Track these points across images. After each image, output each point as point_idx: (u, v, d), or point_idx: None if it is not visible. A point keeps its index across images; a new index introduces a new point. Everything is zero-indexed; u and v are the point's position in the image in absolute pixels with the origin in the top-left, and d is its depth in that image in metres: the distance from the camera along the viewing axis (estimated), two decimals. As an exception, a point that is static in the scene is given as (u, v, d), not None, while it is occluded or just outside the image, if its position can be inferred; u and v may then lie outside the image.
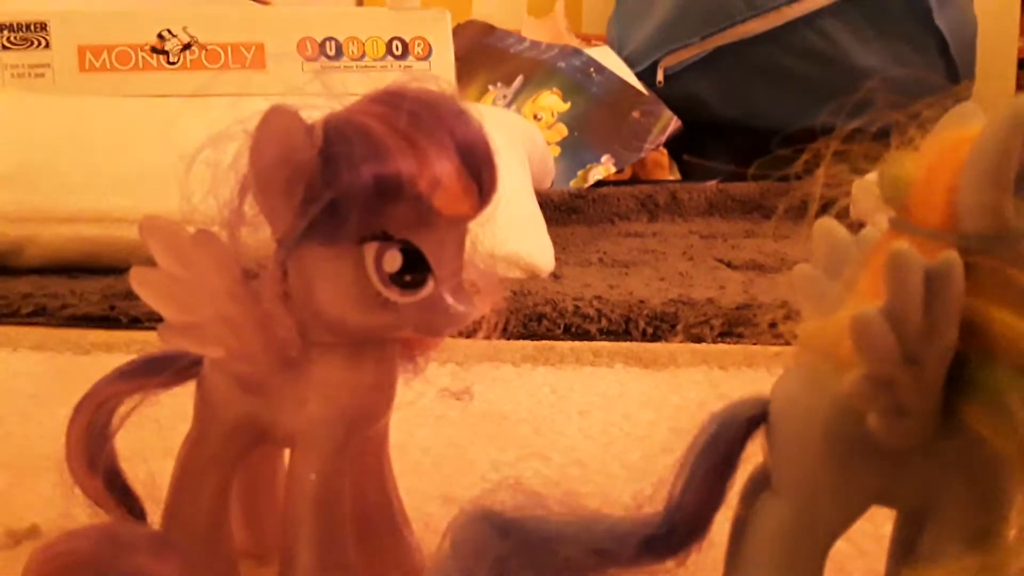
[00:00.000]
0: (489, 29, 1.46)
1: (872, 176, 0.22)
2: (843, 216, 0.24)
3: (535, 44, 1.42)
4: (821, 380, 0.21)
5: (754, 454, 0.23)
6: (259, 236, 0.24)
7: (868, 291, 0.20)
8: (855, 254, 0.22)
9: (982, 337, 0.19)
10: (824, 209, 0.24)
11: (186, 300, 0.24)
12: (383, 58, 0.93)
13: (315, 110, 0.23)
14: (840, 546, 0.22)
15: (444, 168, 0.22)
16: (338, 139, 0.22)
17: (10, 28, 0.91)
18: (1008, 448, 0.18)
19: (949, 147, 0.20)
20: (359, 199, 0.22)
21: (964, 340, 0.19)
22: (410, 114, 0.23)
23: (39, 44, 0.91)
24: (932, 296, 0.18)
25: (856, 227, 0.23)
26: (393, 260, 0.23)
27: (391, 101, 0.23)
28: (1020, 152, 0.18)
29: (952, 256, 0.18)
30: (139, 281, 0.24)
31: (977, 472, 0.20)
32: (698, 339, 0.58)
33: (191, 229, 0.23)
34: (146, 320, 0.59)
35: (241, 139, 0.23)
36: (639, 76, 1.38)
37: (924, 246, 0.19)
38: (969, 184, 0.19)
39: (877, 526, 0.24)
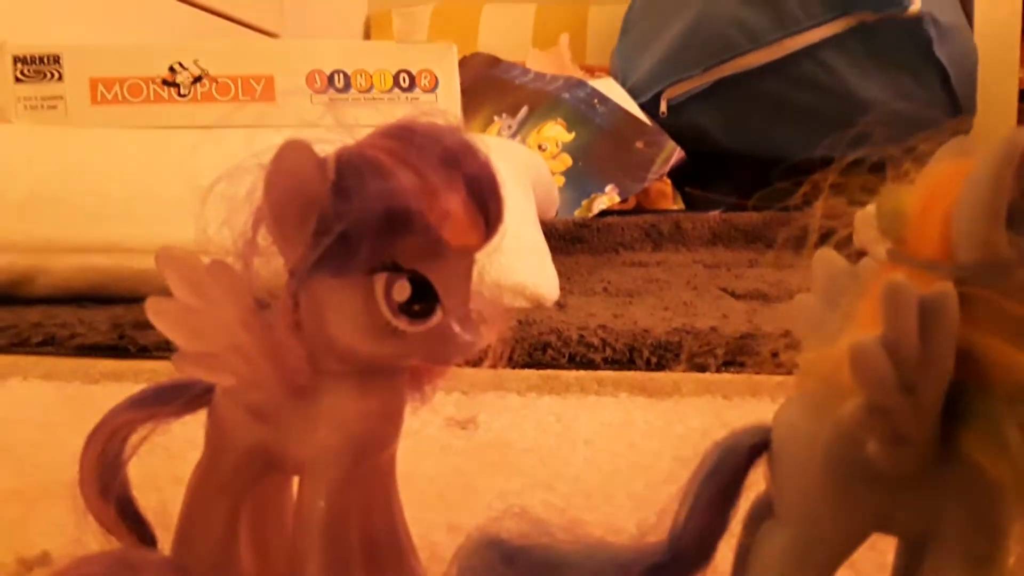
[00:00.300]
0: (494, 61, 1.48)
1: (873, 207, 0.22)
2: (844, 246, 0.24)
3: (540, 75, 1.44)
4: (821, 408, 0.21)
5: (757, 482, 0.23)
6: (272, 267, 0.25)
7: (867, 321, 0.21)
8: (854, 284, 0.23)
9: (978, 366, 0.19)
10: (823, 239, 0.24)
11: (200, 329, 0.24)
12: (390, 90, 0.95)
13: (327, 143, 0.24)
14: (842, 573, 0.23)
15: (452, 200, 0.23)
16: (350, 172, 0.23)
17: (24, 61, 0.92)
18: (1004, 476, 0.19)
19: (944, 180, 0.20)
20: (370, 231, 0.22)
21: (960, 369, 0.19)
22: (419, 148, 0.23)
23: (52, 76, 0.93)
24: (927, 326, 0.19)
25: (858, 257, 0.24)
26: (402, 290, 0.23)
27: (401, 135, 0.24)
28: (1012, 185, 0.19)
29: (946, 287, 0.19)
30: (154, 311, 0.24)
31: (976, 499, 0.21)
32: (702, 368, 0.58)
33: (206, 259, 0.24)
34: (154, 349, 0.59)
35: (255, 172, 0.24)
36: (643, 107, 1.40)
37: (920, 277, 0.19)
38: (962, 216, 0.19)
39: (879, 553, 0.24)
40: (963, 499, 0.21)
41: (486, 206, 0.24)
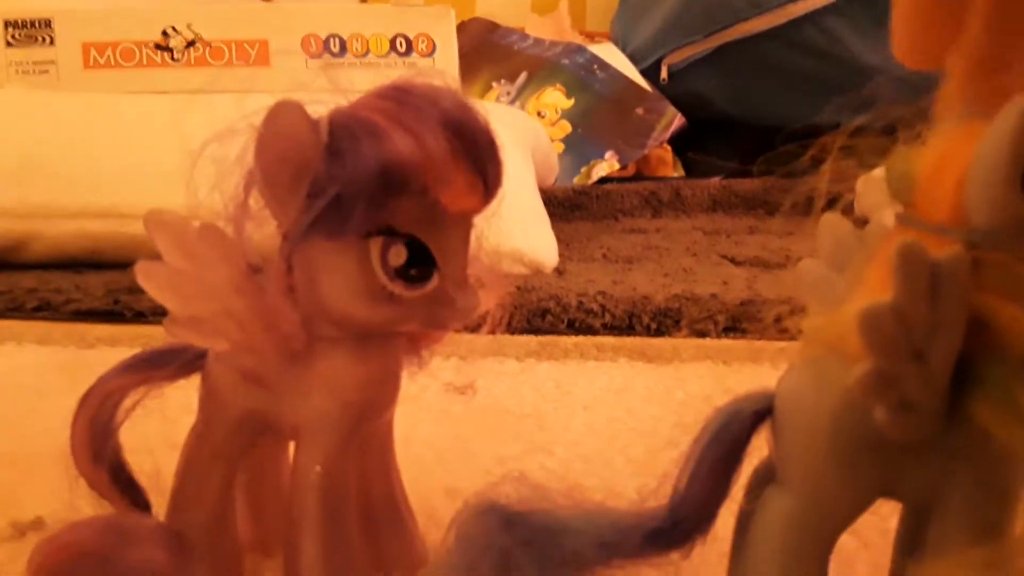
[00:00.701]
0: (493, 26, 1.46)
1: (878, 171, 0.22)
2: (848, 212, 0.24)
3: (539, 41, 1.42)
4: (827, 374, 0.21)
5: (759, 447, 0.23)
6: (264, 231, 0.24)
7: (874, 286, 0.20)
8: (860, 249, 0.22)
9: (989, 332, 0.19)
10: (830, 205, 0.24)
11: (191, 294, 0.24)
12: (387, 55, 0.93)
13: (321, 106, 0.23)
14: (845, 539, 0.22)
15: (450, 163, 0.22)
16: (344, 134, 0.22)
17: (15, 25, 0.91)
18: (1014, 442, 0.18)
19: (956, 142, 0.20)
20: (364, 193, 0.22)
21: (971, 335, 0.19)
22: (416, 109, 0.23)
23: (44, 41, 0.92)
24: (939, 291, 0.18)
25: (861, 223, 0.23)
26: (398, 254, 0.23)
27: (397, 96, 0.23)
28: None
29: (959, 251, 0.18)
30: (145, 275, 0.24)
31: (984, 466, 0.20)
32: (702, 334, 0.58)
33: (197, 223, 0.23)
34: (150, 314, 0.59)
35: (247, 134, 0.23)
36: (643, 73, 1.38)
37: (931, 241, 0.19)
38: (977, 179, 0.19)
39: (882, 519, 0.24)
40: (971, 466, 0.20)
41: (485, 169, 0.23)
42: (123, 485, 0.27)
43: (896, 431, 0.20)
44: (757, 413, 0.23)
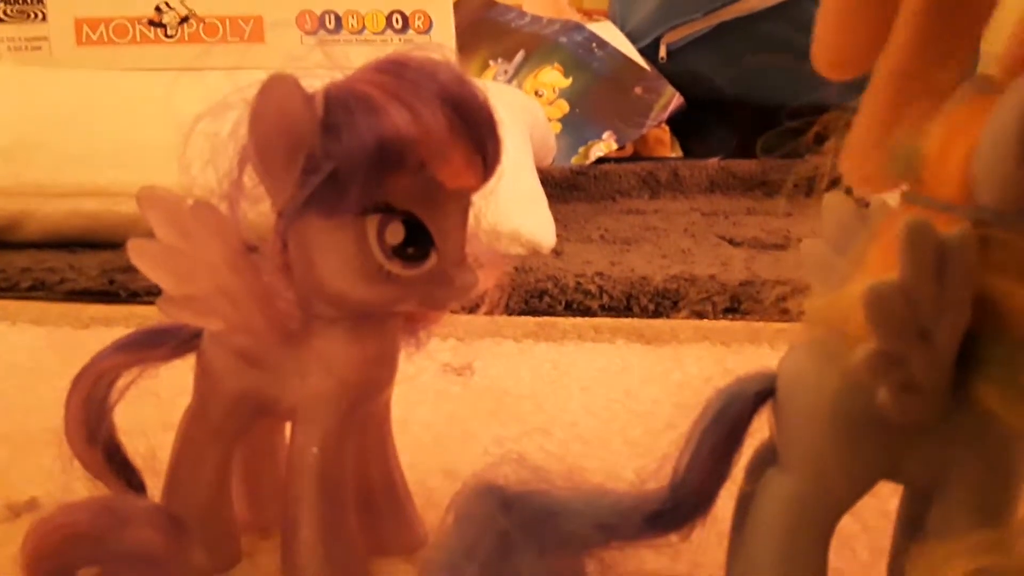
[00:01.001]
0: (490, 3, 1.45)
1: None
2: (850, 191, 0.23)
3: (536, 19, 1.41)
4: (829, 355, 0.20)
5: (760, 429, 0.23)
6: (259, 208, 0.24)
7: (878, 266, 0.20)
8: (864, 229, 0.22)
9: (995, 312, 0.18)
10: (832, 184, 0.23)
11: (185, 272, 0.23)
12: (383, 32, 0.92)
13: (316, 80, 0.23)
14: (845, 521, 0.22)
15: (447, 137, 0.22)
16: (339, 108, 0.22)
17: (6, 1, 0.90)
18: (1018, 423, 0.18)
19: (964, 119, 0.20)
20: (361, 168, 0.21)
21: (977, 315, 0.19)
22: (413, 83, 0.22)
23: (36, 17, 0.90)
24: (945, 270, 0.18)
25: (863, 203, 0.23)
26: (396, 232, 0.23)
27: (393, 70, 0.23)
28: None
29: (966, 230, 0.18)
30: (138, 253, 0.23)
31: (987, 449, 0.20)
32: (701, 315, 0.58)
33: (190, 200, 0.23)
34: (145, 294, 0.58)
35: (240, 109, 0.22)
36: (641, 52, 1.37)
37: (937, 219, 0.19)
38: (985, 156, 0.18)
39: (882, 501, 0.24)
40: (975, 448, 0.20)
41: (484, 145, 0.23)
42: (118, 466, 0.27)
43: (900, 412, 0.19)
44: (758, 394, 0.22)
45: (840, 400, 0.20)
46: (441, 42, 0.92)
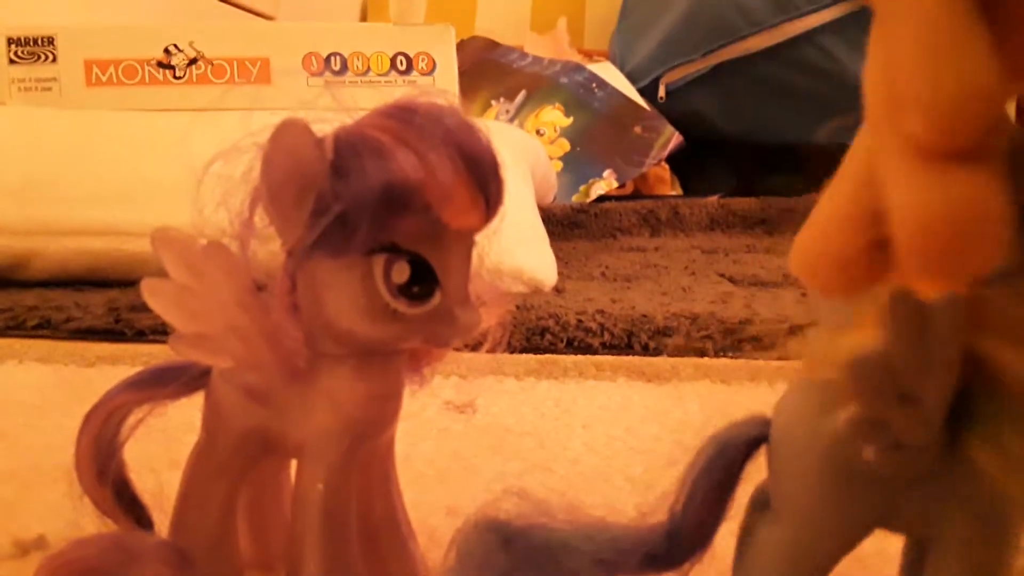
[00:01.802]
0: (492, 45, 1.47)
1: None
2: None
3: (538, 60, 1.43)
4: (823, 404, 0.20)
5: (763, 465, 0.23)
6: (269, 248, 0.24)
7: (876, 316, 0.20)
8: None
9: (984, 369, 0.18)
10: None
11: (197, 311, 0.24)
12: (387, 73, 0.94)
13: (325, 123, 0.23)
14: (848, 565, 0.22)
15: (452, 181, 0.23)
16: (348, 152, 0.22)
17: (17, 42, 0.92)
18: (1009, 483, 0.18)
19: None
20: (368, 210, 0.22)
21: (967, 371, 0.18)
22: (419, 128, 0.23)
23: (46, 58, 0.92)
24: (931, 335, 0.18)
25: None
26: (401, 272, 0.23)
27: (401, 115, 0.23)
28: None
29: (952, 295, 0.18)
30: (150, 292, 0.24)
31: (980, 504, 0.20)
32: (700, 353, 0.58)
33: (203, 241, 0.24)
34: (151, 333, 0.59)
35: (252, 152, 0.23)
36: (641, 92, 1.39)
37: None
38: None
39: (879, 538, 0.24)
40: (967, 504, 0.20)
41: (487, 187, 0.24)
42: (127, 503, 0.27)
43: (888, 468, 0.19)
44: (751, 441, 0.22)
45: (832, 451, 0.20)
46: (444, 85, 0.94)
